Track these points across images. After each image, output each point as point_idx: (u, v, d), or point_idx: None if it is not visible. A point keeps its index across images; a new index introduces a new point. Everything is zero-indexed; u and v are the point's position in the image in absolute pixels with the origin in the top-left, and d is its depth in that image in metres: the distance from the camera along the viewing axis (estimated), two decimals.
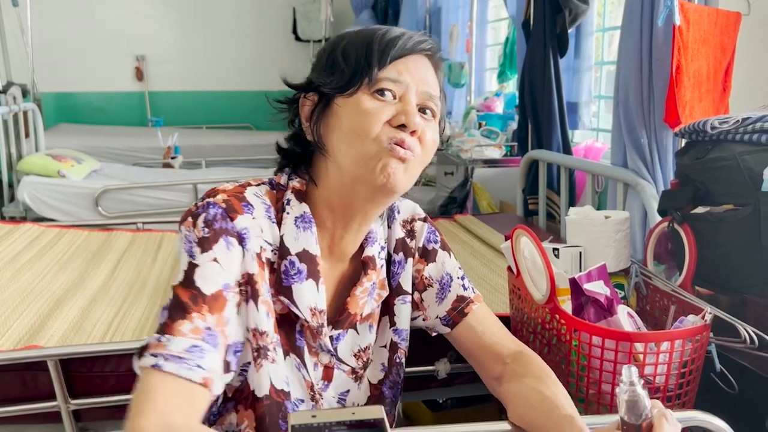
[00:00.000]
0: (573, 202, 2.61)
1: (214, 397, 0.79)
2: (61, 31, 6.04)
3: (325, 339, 0.93)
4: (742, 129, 1.36)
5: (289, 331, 0.91)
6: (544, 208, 2.70)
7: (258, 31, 6.59)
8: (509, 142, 3.35)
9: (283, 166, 0.95)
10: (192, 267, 0.81)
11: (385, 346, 1.02)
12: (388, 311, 1.02)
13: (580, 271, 1.26)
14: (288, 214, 0.90)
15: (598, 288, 1.14)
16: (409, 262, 1.03)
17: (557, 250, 1.31)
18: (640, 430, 0.75)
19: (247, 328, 0.86)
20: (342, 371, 0.96)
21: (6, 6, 4.98)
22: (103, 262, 2.09)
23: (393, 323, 1.02)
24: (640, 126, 1.97)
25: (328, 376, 0.95)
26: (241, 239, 0.84)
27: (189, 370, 0.75)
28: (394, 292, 1.01)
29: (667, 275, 1.49)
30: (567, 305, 1.13)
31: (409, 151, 0.85)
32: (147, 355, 0.76)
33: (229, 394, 0.90)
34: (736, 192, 1.34)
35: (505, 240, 1.24)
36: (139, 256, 2.19)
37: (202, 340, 0.77)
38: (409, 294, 1.03)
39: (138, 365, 0.76)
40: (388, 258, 1.02)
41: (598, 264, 1.19)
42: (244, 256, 0.85)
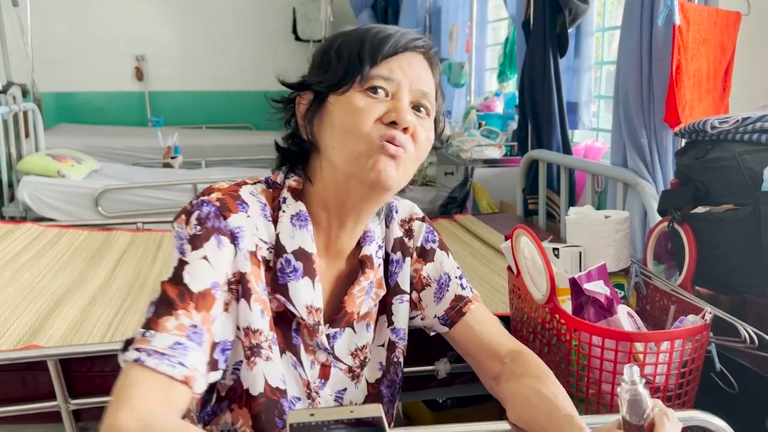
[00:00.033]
0: (573, 201, 2.61)
1: (197, 395, 0.79)
2: (61, 31, 6.04)
3: (322, 337, 0.92)
4: (742, 129, 1.36)
5: (285, 329, 0.91)
6: (544, 208, 2.70)
7: (258, 31, 6.59)
8: (509, 142, 3.35)
9: (281, 164, 0.95)
10: (181, 264, 0.81)
11: (382, 345, 1.02)
12: (386, 310, 1.02)
13: (580, 270, 1.26)
14: (284, 212, 0.90)
15: (598, 288, 1.14)
16: (407, 262, 1.03)
17: (557, 250, 1.31)
18: (641, 430, 0.74)
19: (238, 327, 0.86)
20: (339, 370, 0.96)
21: (6, 6, 4.98)
22: (103, 262, 2.09)
23: (391, 322, 1.02)
24: (640, 126, 1.97)
25: (324, 374, 0.95)
26: (233, 238, 0.84)
27: (171, 367, 0.75)
28: (391, 292, 1.01)
29: (667, 275, 1.48)
30: (567, 305, 1.13)
31: (401, 149, 0.85)
32: (131, 349, 0.76)
33: (223, 393, 0.89)
34: (736, 192, 1.34)
35: (505, 240, 1.24)
36: (139, 256, 2.19)
37: (187, 338, 0.77)
38: (406, 293, 1.02)
39: (122, 358, 0.76)
40: (386, 257, 1.02)
41: (598, 264, 1.19)
42: (236, 254, 0.84)
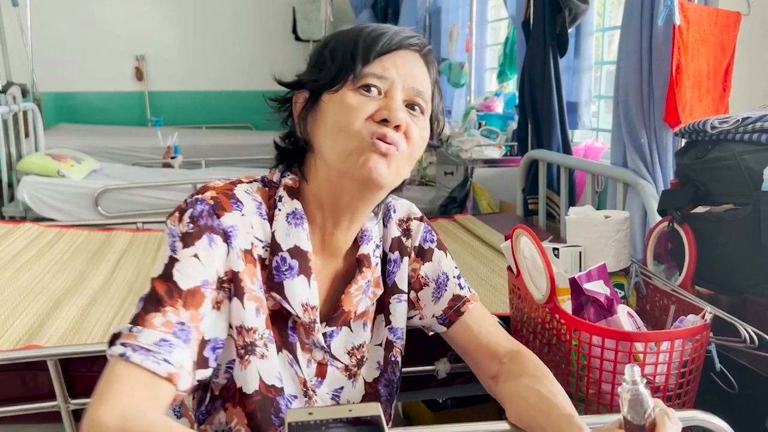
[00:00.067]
0: (573, 201, 2.61)
1: (181, 392, 0.78)
2: (61, 31, 6.04)
3: (319, 335, 0.92)
4: (742, 129, 1.36)
5: (281, 327, 0.91)
6: (544, 207, 2.70)
7: (258, 31, 6.59)
8: (509, 142, 3.35)
9: (278, 163, 0.95)
10: (172, 261, 0.81)
11: (380, 344, 1.02)
12: (384, 310, 1.02)
13: (580, 270, 1.26)
14: (280, 210, 0.90)
15: (598, 288, 1.14)
16: (405, 261, 1.03)
17: (557, 249, 1.31)
18: (643, 430, 0.74)
19: (231, 326, 0.86)
20: (336, 368, 0.96)
21: (6, 6, 4.98)
22: (103, 262, 2.09)
23: (388, 322, 1.01)
24: (640, 126, 1.97)
25: (321, 372, 0.95)
26: (226, 236, 0.84)
27: (155, 363, 0.75)
28: (389, 291, 1.01)
29: (667, 275, 1.48)
30: (567, 305, 1.13)
31: (392, 146, 0.84)
32: (117, 344, 0.76)
33: (216, 392, 0.89)
34: (736, 192, 1.34)
35: (505, 240, 1.24)
36: (139, 256, 2.19)
37: (173, 335, 0.77)
38: (404, 293, 1.02)
39: (108, 352, 0.76)
40: (383, 257, 1.02)
41: (598, 264, 1.19)
42: (229, 253, 0.84)
